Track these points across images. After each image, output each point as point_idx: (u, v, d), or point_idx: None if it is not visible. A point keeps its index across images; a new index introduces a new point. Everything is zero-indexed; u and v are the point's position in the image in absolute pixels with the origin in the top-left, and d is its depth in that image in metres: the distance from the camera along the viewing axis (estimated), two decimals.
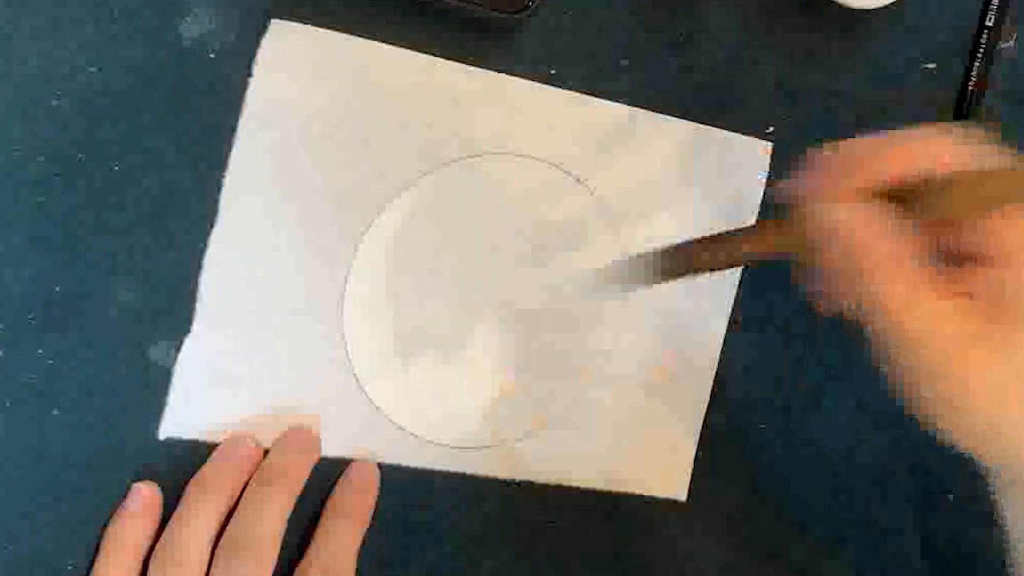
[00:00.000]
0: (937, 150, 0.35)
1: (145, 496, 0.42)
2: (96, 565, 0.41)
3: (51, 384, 0.42)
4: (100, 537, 0.42)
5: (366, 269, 0.44)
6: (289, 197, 0.43)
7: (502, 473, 0.45)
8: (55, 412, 0.42)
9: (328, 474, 0.44)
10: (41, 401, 0.42)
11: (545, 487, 0.45)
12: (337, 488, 0.44)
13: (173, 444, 0.43)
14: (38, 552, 0.41)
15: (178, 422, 0.42)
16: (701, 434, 0.46)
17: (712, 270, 0.37)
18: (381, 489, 0.44)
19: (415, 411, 0.44)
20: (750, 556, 0.46)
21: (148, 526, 0.42)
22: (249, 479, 0.42)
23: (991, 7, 0.48)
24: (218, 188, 0.43)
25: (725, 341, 0.46)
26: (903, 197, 0.34)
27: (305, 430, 0.44)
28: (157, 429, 0.42)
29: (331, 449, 0.44)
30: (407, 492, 0.44)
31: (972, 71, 0.47)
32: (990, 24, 0.48)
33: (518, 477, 0.45)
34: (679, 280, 0.38)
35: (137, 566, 0.41)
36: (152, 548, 0.41)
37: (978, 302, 0.36)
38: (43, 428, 0.42)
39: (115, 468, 0.42)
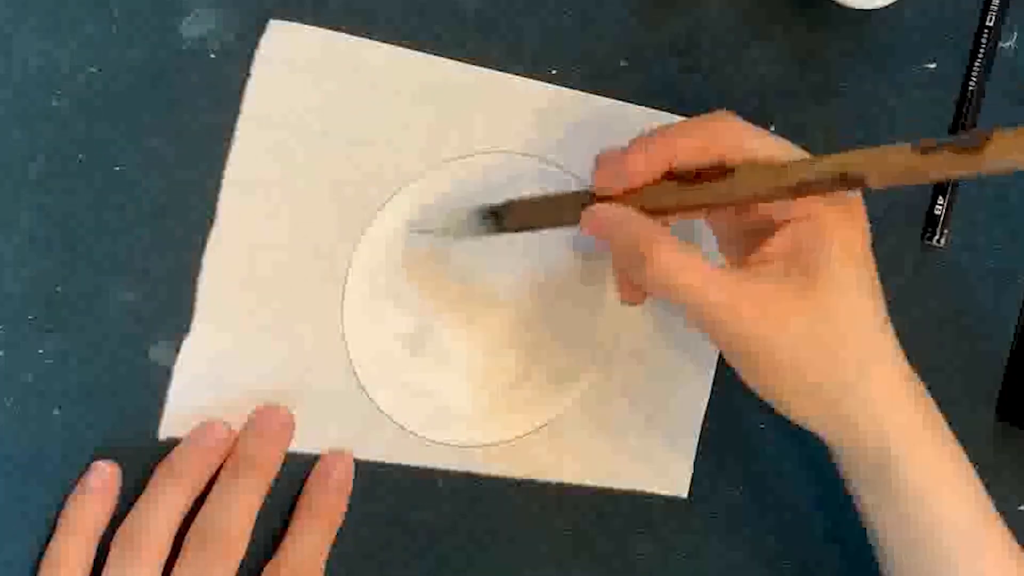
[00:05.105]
0: (731, 137, 0.37)
1: (105, 473, 0.41)
2: (52, 543, 0.40)
3: (51, 384, 0.42)
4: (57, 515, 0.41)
5: (366, 269, 0.44)
6: (289, 197, 0.43)
7: (502, 473, 0.45)
8: (55, 412, 0.42)
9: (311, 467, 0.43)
10: (41, 401, 0.42)
11: (545, 487, 0.45)
12: (311, 485, 0.43)
13: (173, 444, 0.42)
14: (38, 552, 0.41)
15: (178, 422, 0.42)
16: (701, 434, 0.46)
17: (545, 227, 0.41)
18: (382, 489, 0.44)
19: (415, 411, 0.44)
20: (750, 556, 0.46)
21: (106, 505, 0.41)
22: (221, 464, 0.41)
23: (991, 7, 0.48)
24: (218, 188, 0.43)
25: None
26: (695, 179, 0.37)
27: (276, 408, 0.43)
28: (157, 429, 0.42)
29: (331, 449, 0.44)
30: (407, 492, 0.44)
31: (972, 71, 0.48)
32: (990, 24, 0.48)
33: (518, 477, 0.45)
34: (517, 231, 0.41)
35: (94, 545, 0.40)
36: (110, 528, 0.41)
37: (775, 263, 0.37)
38: (43, 428, 0.42)
39: None
